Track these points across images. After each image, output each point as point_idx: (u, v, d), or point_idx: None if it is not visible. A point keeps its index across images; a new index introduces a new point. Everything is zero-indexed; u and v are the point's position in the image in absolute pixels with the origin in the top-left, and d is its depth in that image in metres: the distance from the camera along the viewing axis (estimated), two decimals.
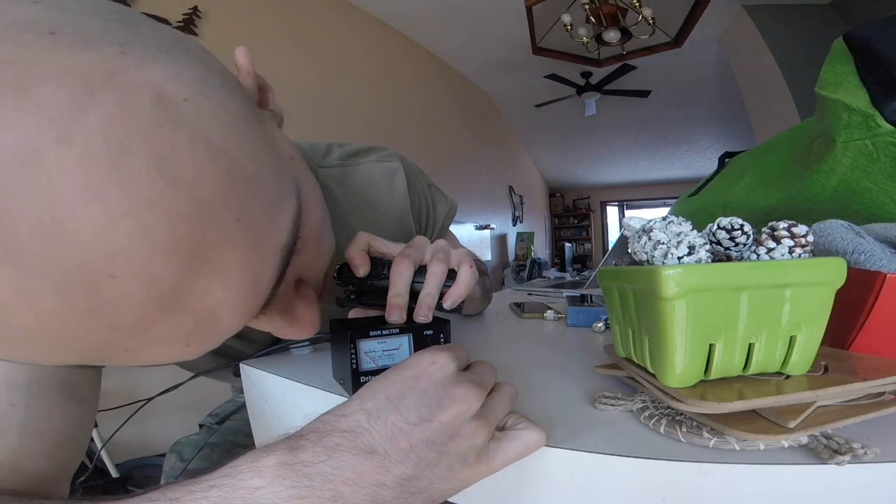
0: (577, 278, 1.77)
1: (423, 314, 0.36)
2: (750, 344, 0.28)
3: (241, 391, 0.66)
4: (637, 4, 2.49)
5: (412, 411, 0.25)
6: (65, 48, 0.14)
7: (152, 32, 0.19)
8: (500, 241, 5.50)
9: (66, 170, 0.14)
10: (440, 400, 0.25)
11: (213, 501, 0.21)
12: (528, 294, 1.11)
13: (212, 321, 0.22)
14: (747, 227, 0.29)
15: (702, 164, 6.53)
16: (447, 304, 0.37)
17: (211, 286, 0.20)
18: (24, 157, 0.13)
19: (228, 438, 0.69)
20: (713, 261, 0.28)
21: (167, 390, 0.51)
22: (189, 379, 0.51)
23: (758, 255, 0.28)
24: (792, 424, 0.24)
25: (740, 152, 1.11)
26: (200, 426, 0.75)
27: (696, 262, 0.27)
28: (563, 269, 5.87)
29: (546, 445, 0.27)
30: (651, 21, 2.64)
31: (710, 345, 0.27)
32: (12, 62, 0.13)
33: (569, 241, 7.85)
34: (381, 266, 0.39)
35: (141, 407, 0.50)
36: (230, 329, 0.24)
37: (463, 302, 0.37)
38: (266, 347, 0.50)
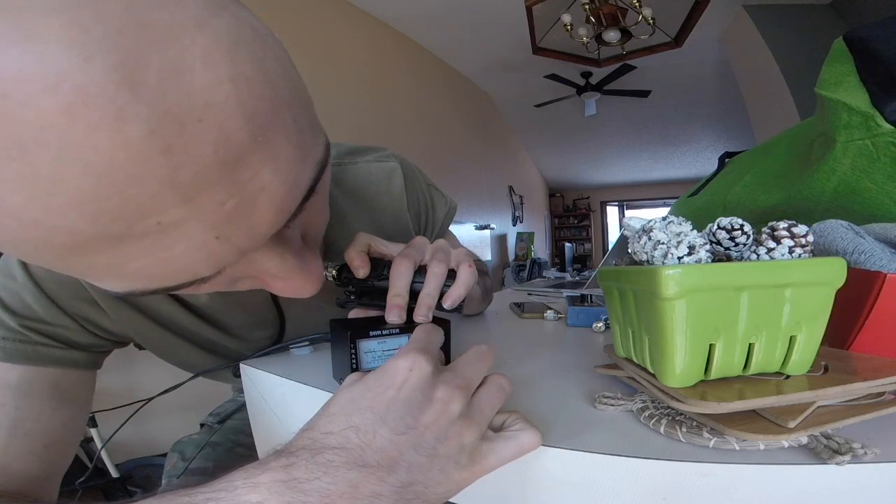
0: (577, 278, 1.77)
1: (423, 314, 0.36)
2: (750, 344, 0.28)
3: (241, 391, 0.66)
4: (637, 4, 2.49)
5: (398, 421, 0.25)
6: None
7: None
8: (500, 241, 5.50)
9: (197, 43, 0.20)
10: (421, 405, 0.25)
11: None
12: (528, 294, 1.11)
13: (251, 207, 0.23)
14: (747, 227, 0.29)
15: (702, 164, 6.53)
16: (447, 304, 0.37)
17: (264, 167, 0.23)
18: (170, 30, 0.19)
19: (230, 438, 0.69)
20: (713, 261, 0.28)
21: (167, 390, 0.51)
22: (189, 379, 0.51)
23: (758, 255, 0.28)
24: (792, 424, 0.24)
25: (740, 152, 1.11)
26: (202, 426, 0.75)
27: (696, 262, 0.27)
28: (563, 269, 5.86)
29: (546, 445, 0.27)
30: (651, 21, 2.64)
31: (710, 345, 0.27)
32: None
33: (569, 241, 7.85)
34: (380, 267, 0.39)
35: (141, 407, 0.50)
36: (261, 226, 0.24)
37: (463, 302, 0.37)
38: (264, 348, 0.51)
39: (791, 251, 0.28)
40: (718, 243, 0.29)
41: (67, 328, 0.39)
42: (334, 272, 0.41)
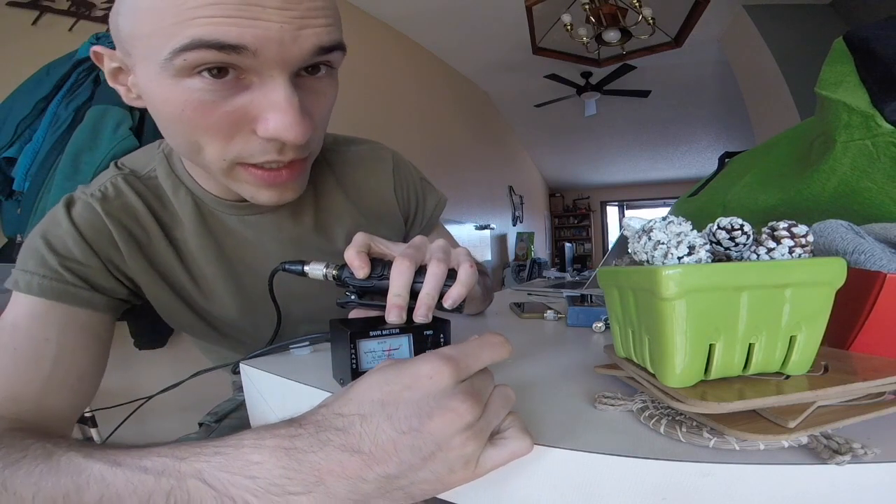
0: (577, 278, 1.77)
1: (423, 314, 0.36)
2: (750, 344, 0.28)
3: (240, 389, 0.66)
4: (637, 4, 2.49)
5: (402, 421, 0.25)
6: None
7: None
8: (500, 241, 5.50)
9: None
10: (431, 411, 0.25)
11: (214, 465, 0.25)
12: (528, 294, 1.11)
13: (300, 28, 0.35)
14: (747, 227, 0.29)
15: (702, 164, 6.53)
16: (447, 304, 0.37)
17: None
18: None
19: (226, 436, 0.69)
20: (713, 261, 0.28)
21: (166, 389, 0.51)
22: (188, 378, 0.51)
23: (758, 255, 0.28)
24: (792, 424, 0.24)
25: (740, 152, 1.11)
26: (200, 425, 0.75)
27: (696, 262, 0.27)
28: (563, 269, 5.86)
29: (546, 445, 0.27)
30: (651, 21, 2.64)
31: (710, 345, 0.27)
32: None
33: (569, 241, 7.85)
34: (380, 267, 0.39)
35: (141, 404, 0.51)
36: (301, 46, 0.36)
37: (463, 302, 0.37)
38: (262, 341, 0.51)
39: (791, 251, 0.28)
40: (718, 243, 0.29)
41: (96, 269, 0.46)
42: (334, 272, 0.41)
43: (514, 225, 5.95)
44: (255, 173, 0.41)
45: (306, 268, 0.43)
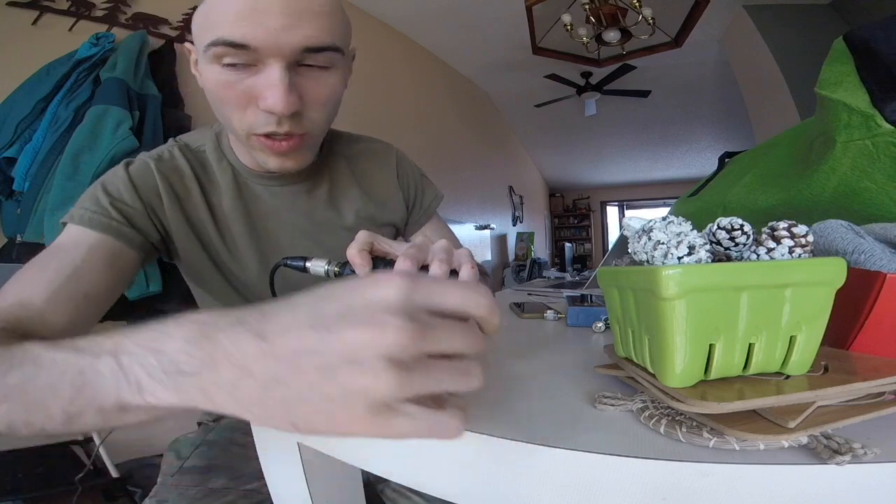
0: (577, 278, 1.77)
1: None
2: (750, 344, 0.28)
3: None
4: (637, 4, 2.49)
5: (321, 317, 0.21)
6: None
7: None
8: (500, 241, 5.50)
9: None
10: (358, 318, 0.21)
11: (132, 338, 0.24)
12: (528, 294, 1.11)
13: (300, 20, 0.46)
14: (747, 227, 0.29)
15: (702, 164, 6.53)
16: None
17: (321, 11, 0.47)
18: None
19: (225, 436, 0.69)
20: (713, 261, 0.28)
21: None
22: None
23: (758, 255, 0.29)
24: (792, 424, 0.24)
25: (740, 152, 1.11)
26: (199, 424, 0.75)
27: (696, 262, 0.27)
28: (563, 269, 5.87)
29: (546, 445, 0.27)
30: (651, 21, 2.64)
31: (710, 345, 0.27)
32: None
33: (569, 241, 7.85)
34: (382, 266, 0.39)
35: None
36: (296, 36, 0.46)
37: None
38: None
39: (791, 251, 0.28)
40: (718, 243, 0.29)
41: (138, 211, 0.54)
42: (336, 269, 0.41)
43: (514, 225, 5.95)
44: (263, 141, 0.51)
45: (308, 263, 0.43)
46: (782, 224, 0.28)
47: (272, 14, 0.44)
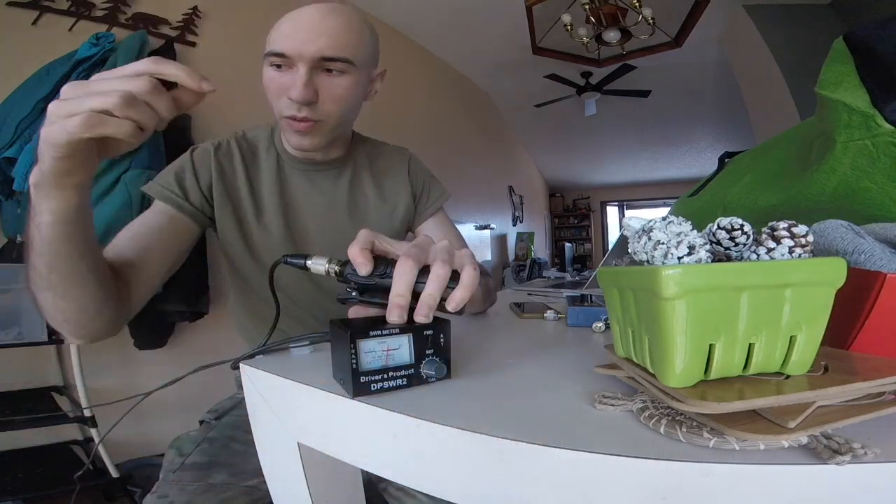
0: (577, 278, 1.77)
1: (424, 314, 0.36)
2: (750, 344, 0.28)
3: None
4: (637, 4, 2.49)
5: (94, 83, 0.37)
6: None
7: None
8: (500, 241, 5.50)
9: (340, 8, 0.63)
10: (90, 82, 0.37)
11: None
12: (528, 294, 1.11)
13: (317, 33, 0.62)
14: (747, 227, 0.29)
15: (702, 164, 6.53)
16: (451, 307, 0.37)
17: (341, 29, 0.64)
18: (333, 5, 0.63)
19: (226, 433, 0.70)
20: (713, 261, 0.28)
21: (166, 384, 0.51)
22: (187, 374, 0.51)
23: (758, 255, 0.29)
24: (792, 424, 0.24)
25: (740, 152, 1.11)
26: (201, 422, 0.75)
27: (696, 262, 0.27)
28: (563, 269, 5.87)
29: (546, 445, 0.27)
30: (651, 21, 2.64)
31: (710, 345, 0.27)
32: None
33: (569, 241, 7.85)
34: (383, 265, 0.39)
35: (141, 399, 0.50)
36: (317, 44, 0.62)
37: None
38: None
39: (791, 251, 0.28)
40: (718, 243, 0.29)
41: (194, 187, 0.69)
42: (337, 268, 0.41)
43: (514, 225, 5.95)
44: (288, 122, 0.66)
45: (308, 262, 0.43)
46: (782, 224, 0.28)
47: (301, 33, 0.61)
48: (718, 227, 0.29)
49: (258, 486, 0.62)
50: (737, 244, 0.29)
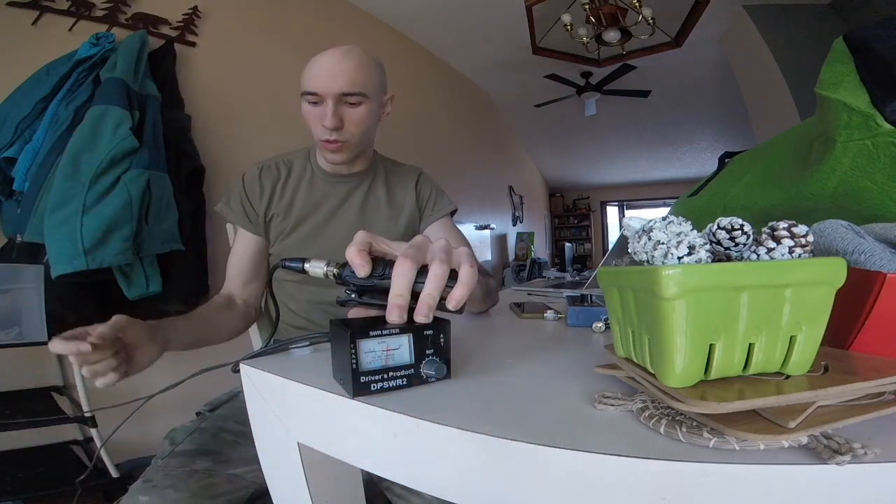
0: (577, 278, 1.77)
1: (424, 314, 0.36)
2: (750, 344, 0.28)
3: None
4: (637, 4, 2.49)
5: None
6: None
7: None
8: (500, 241, 5.50)
9: (353, 51, 0.80)
10: None
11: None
12: (528, 294, 1.11)
13: (340, 71, 0.79)
14: (747, 227, 0.29)
15: (702, 164, 6.53)
16: (451, 306, 0.37)
17: (356, 68, 0.80)
18: (347, 49, 0.80)
19: (217, 424, 0.72)
20: (713, 261, 0.28)
21: (167, 388, 0.51)
22: (188, 378, 0.51)
23: (758, 255, 0.28)
24: (792, 424, 0.24)
25: (740, 152, 1.11)
26: (197, 414, 0.77)
27: (696, 262, 0.27)
28: (563, 269, 5.87)
29: (546, 445, 0.27)
30: (651, 21, 2.64)
31: (710, 345, 0.27)
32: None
33: (569, 241, 7.85)
34: (382, 266, 0.39)
35: (141, 405, 0.50)
36: (338, 81, 0.78)
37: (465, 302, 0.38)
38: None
39: (791, 251, 0.28)
40: (718, 243, 0.29)
41: (248, 208, 0.88)
42: (335, 270, 0.41)
43: (514, 225, 5.95)
44: (323, 144, 0.81)
45: (306, 265, 0.43)
46: (782, 224, 0.28)
47: (325, 75, 0.77)
48: (718, 227, 0.29)
49: (242, 476, 0.64)
50: (737, 244, 0.29)
